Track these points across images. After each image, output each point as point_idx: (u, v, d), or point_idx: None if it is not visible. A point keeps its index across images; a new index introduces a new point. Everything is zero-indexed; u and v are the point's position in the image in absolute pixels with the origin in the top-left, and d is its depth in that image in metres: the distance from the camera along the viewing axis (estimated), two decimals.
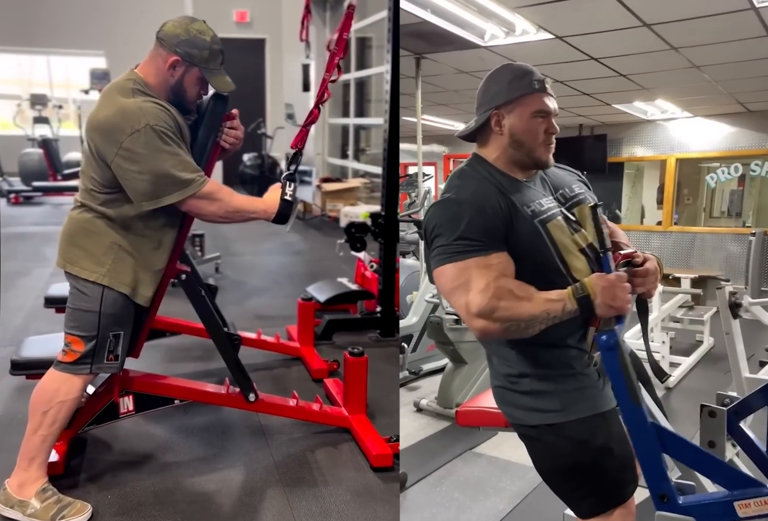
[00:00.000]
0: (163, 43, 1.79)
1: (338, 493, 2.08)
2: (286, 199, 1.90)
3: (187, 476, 2.13)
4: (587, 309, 1.20)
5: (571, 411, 1.28)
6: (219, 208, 1.80)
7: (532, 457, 1.37)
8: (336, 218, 7.54)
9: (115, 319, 1.84)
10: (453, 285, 1.23)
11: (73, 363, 1.82)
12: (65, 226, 1.87)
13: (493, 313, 1.18)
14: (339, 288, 3.81)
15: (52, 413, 1.81)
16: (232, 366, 2.23)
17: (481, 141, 1.41)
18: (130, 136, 1.68)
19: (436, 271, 1.28)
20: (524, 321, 1.19)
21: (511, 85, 1.35)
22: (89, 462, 2.16)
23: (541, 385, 1.31)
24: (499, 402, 1.41)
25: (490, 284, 1.19)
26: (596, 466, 1.28)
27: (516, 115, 1.34)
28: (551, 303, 1.20)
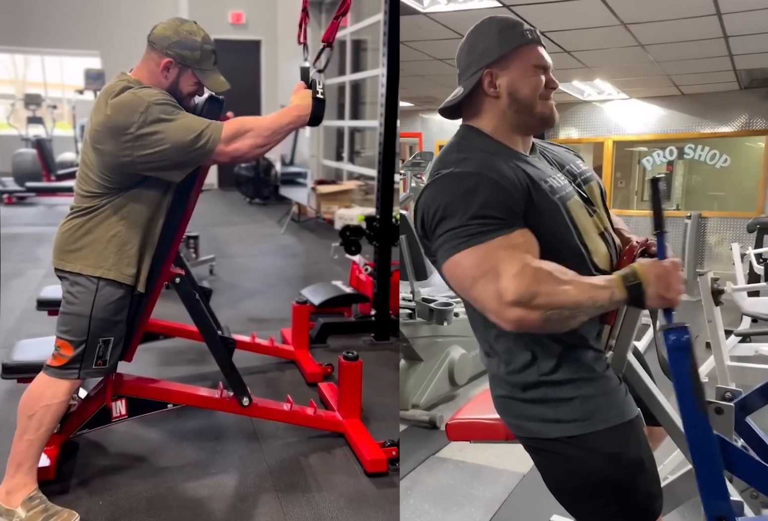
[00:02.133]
0: (154, 45, 1.77)
1: (332, 499, 2.05)
2: (318, 98, 1.78)
3: (179, 481, 2.10)
4: (637, 300, 1.04)
5: (597, 420, 1.12)
6: (255, 138, 1.72)
7: (546, 474, 1.20)
8: (331, 220, 7.52)
9: (105, 324, 1.82)
10: (476, 273, 1.02)
11: (61, 367, 1.80)
12: (60, 227, 1.85)
13: (533, 300, 0.98)
14: (333, 291, 3.79)
15: (38, 417, 1.78)
16: (226, 370, 2.21)
17: (472, 111, 1.22)
18: (139, 122, 1.65)
19: (449, 263, 1.06)
20: (568, 309, 1.01)
21: (502, 36, 1.17)
22: (81, 467, 2.13)
23: (561, 392, 1.14)
24: (505, 414, 1.23)
25: (527, 266, 1.00)
26: (628, 481, 1.13)
27: (513, 71, 1.17)
28: (597, 290, 1.03)
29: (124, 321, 1.88)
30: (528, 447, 1.22)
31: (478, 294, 1.04)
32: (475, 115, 1.21)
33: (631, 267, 1.07)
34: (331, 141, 9.63)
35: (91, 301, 1.78)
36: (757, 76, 5.72)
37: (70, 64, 10.71)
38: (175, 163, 1.73)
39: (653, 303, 1.05)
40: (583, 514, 1.18)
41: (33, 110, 9.62)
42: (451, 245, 1.05)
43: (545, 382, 1.15)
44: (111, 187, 1.77)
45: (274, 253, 5.75)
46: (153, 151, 1.68)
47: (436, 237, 1.08)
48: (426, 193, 1.12)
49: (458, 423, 1.51)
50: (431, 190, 1.11)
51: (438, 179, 1.10)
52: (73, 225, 1.81)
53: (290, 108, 1.81)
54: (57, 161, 9.24)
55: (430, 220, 1.09)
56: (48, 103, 9.97)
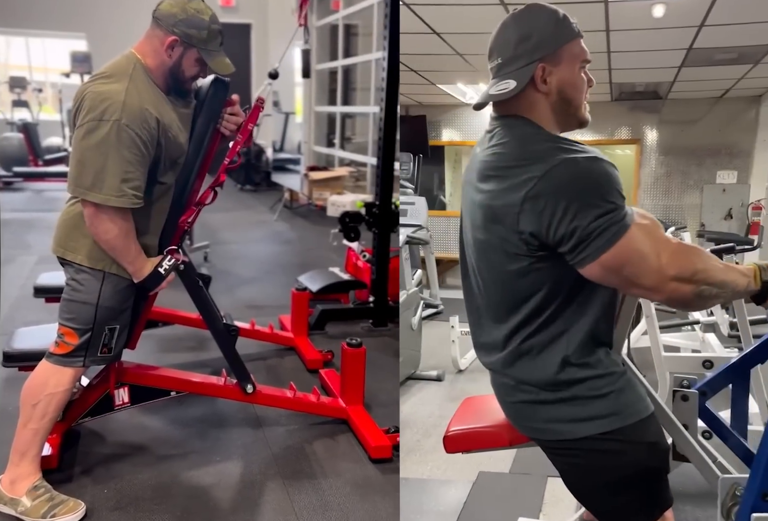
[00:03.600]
0: (159, 22, 1.71)
1: (338, 485, 2.04)
2: (158, 270, 1.78)
3: (184, 469, 2.08)
4: (764, 295, 1.11)
5: (630, 413, 1.14)
6: (113, 235, 1.67)
7: (574, 476, 1.19)
8: (323, 207, 7.46)
9: (112, 313, 1.78)
10: (643, 250, 1.03)
11: (65, 355, 1.76)
12: (63, 214, 1.80)
13: (694, 275, 1.04)
14: (331, 277, 3.76)
15: (42, 406, 1.74)
16: (229, 357, 2.18)
17: (519, 106, 1.14)
18: (97, 122, 1.60)
19: (618, 245, 1.01)
20: (716, 287, 1.07)
21: (558, 29, 1.11)
22: (83, 456, 2.10)
23: (593, 390, 1.13)
24: (526, 420, 1.21)
25: (680, 244, 1.07)
26: (663, 469, 1.18)
27: (565, 68, 1.12)
28: (741, 276, 1.10)
29: (130, 309, 1.84)
30: (553, 451, 1.20)
31: (642, 269, 1.04)
32: (525, 110, 1.15)
33: (765, 263, 1.13)
34: (323, 127, 9.52)
35: (97, 290, 1.74)
36: (625, 89, 6.06)
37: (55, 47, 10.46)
38: (77, 173, 1.64)
39: None
40: (614, 508, 1.19)
41: (18, 93, 9.41)
42: (617, 227, 1.02)
43: (577, 380, 1.13)
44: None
45: (268, 240, 5.70)
46: (76, 143, 1.63)
47: (591, 221, 1.01)
48: (545, 184, 1.03)
49: (457, 433, 1.43)
50: (553, 181, 1.03)
51: (558, 167, 1.03)
52: (74, 211, 1.76)
53: (144, 260, 1.77)
54: (43, 146, 9.06)
55: (566, 210, 1.02)
56: (33, 86, 9.76)
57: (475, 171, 1.18)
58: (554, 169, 1.03)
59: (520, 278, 1.11)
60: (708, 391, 1.46)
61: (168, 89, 1.77)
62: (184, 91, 1.83)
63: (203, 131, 1.85)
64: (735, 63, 4.87)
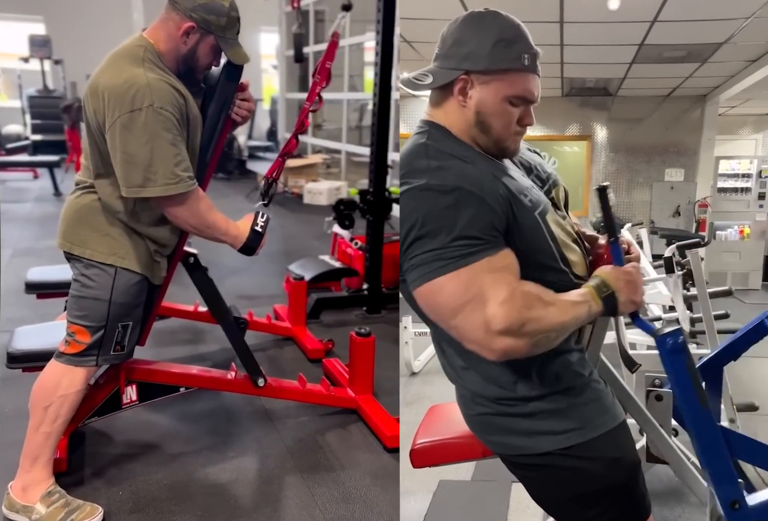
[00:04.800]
0: (177, 6, 1.58)
1: (357, 477, 1.99)
2: (255, 230, 1.74)
3: (198, 466, 1.99)
4: (612, 308, 1.00)
5: (592, 427, 1.06)
6: (193, 217, 1.62)
7: (537, 490, 1.13)
8: (299, 194, 7.33)
9: (126, 309, 1.67)
10: (460, 301, 0.92)
11: (77, 354, 1.65)
12: (69, 206, 1.67)
13: (523, 327, 0.92)
14: (323, 266, 3.67)
15: (54, 408, 1.63)
16: (240, 350, 2.10)
17: (438, 104, 1.07)
18: (130, 113, 1.48)
19: (426, 287, 0.94)
20: (555, 332, 0.96)
21: (496, 49, 1.00)
22: (92, 457, 1.98)
23: (552, 403, 1.06)
24: (486, 433, 1.13)
25: (515, 291, 0.92)
26: (629, 483, 1.09)
27: (490, 92, 1.01)
28: (577, 307, 0.98)
29: (143, 304, 1.73)
30: (513, 464, 1.13)
31: (462, 322, 0.94)
32: (441, 112, 1.07)
33: (599, 278, 1.02)
34: (293, 114, 9.34)
35: (110, 285, 1.63)
36: (576, 85, 6.03)
37: (11, 30, 9.93)
38: (125, 172, 1.52)
39: (625, 308, 1.02)
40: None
41: None
42: (431, 268, 0.93)
43: (534, 396, 1.06)
44: (107, 163, 1.59)
45: None
46: (113, 142, 1.51)
47: (410, 257, 0.95)
48: (403, 204, 0.97)
49: (426, 446, 1.29)
50: (404, 202, 0.97)
51: (411, 191, 0.96)
52: (81, 203, 1.64)
53: (235, 226, 1.73)
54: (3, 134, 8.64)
55: (404, 238, 0.96)
56: None
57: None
58: (404, 194, 0.97)
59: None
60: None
61: (178, 77, 1.64)
62: (194, 81, 1.71)
63: (216, 117, 1.73)
64: (683, 61, 4.92)
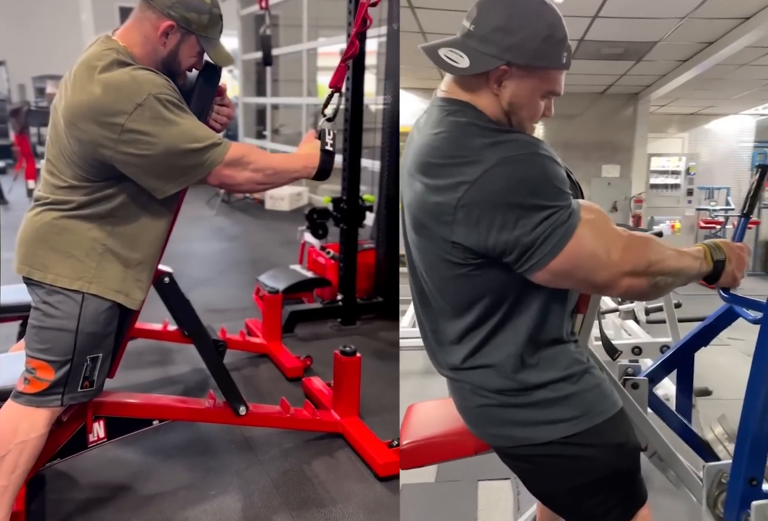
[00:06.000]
0: (152, 3, 1.38)
1: (350, 512, 1.80)
2: (327, 150, 1.54)
3: (176, 508, 1.76)
4: (716, 274, 1.05)
5: (596, 413, 1.04)
6: (254, 173, 1.44)
7: (537, 481, 1.10)
8: (261, 200, 7.08)
9: (94, 339, 1.45)
10: (593, 249, 0.93)
11: (39, 393, 1.41)
12: (27, 225, 1.44)
13: (648, 268, 0.96)
14: (295, 276, 3.46)
15: (12, 457, 1.40)
16: (219, 376, 1.88)
17: (467, 84, 1.00)
18: (132, 114, 1.29)
19: (566, 250, 0.91)
20: (671, 276, 1.00)
21: (545, 46, 0.95)
22: (54, 505, 1.73)
23: (555, 391, 1.03)
24: (486, 425, 1.10)
25: (631, 237, 0.97)
26: (631, 469, 1.07)
27: (527, 87, 0.98)
28: (691, 260, 1.03)
29: (113, 334, 1.50)
30: (512, 457, 1.09)
31: (594, 265, 0.94)
32: (469, 93, 1.00)
33: (714, 243, 1.06)
34: (251, 119, 9.05)
35: (76, 313, 1.40)
36: None
37: None
38: (161, 173, 1.38)
39: (726, 279, 1.07)
40: (584, 512, 1.08)
41: None
42: (566, 227, 0.91)
43: (538, 385, 1.03)
44: (90, 178, 1.39)
45: (212, 237, 5.26)
46: (140, 152, 1.32)
47: (537, 223, 0.90)
48: (478, 191, 0.90)
49: (414, 446, 1.23)
50: (487, 187, 0.90)
51: (491, 171, 0.90)
52: (43, 221, 1.41)
53: (299, 155, 1.54)
54: None
55: (504, 219, 0.90)
56: None
57: (410, 160, 1.04)
58: (487, 173, 0.90)
59: (459, 283, 1.00)
60: (655, 378, 1.45)
61: None
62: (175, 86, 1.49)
63: None
64: (619, 58, 4.97)
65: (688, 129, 7.90)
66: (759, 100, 6.84)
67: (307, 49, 7.42)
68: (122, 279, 1.47)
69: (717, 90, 6.19)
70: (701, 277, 1.07)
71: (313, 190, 7.69)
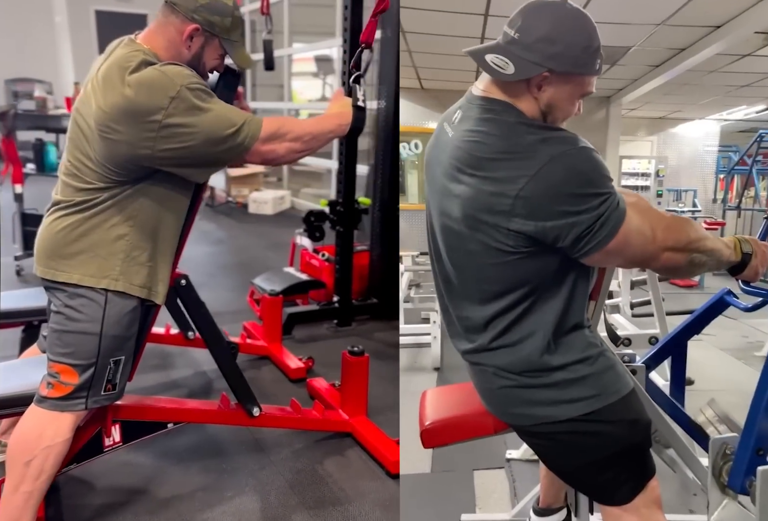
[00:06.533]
0: (176, 8, 1.38)
1: (366, 510, 1.81)
2: (359, 106, 1.53)
3: (195, 511, 1.74)
4: (741, 267, 1.15)
5: (611, 392, 1.10)
6: (293, 142, 1.44)
7: (556, 456, 1.16)
8: (243, 204, 7.02)
9: (118, 342, 1.43)
10: (641, 229, 1.02)
11: (63, 398, 1.39)
12: (47, 229, 1.42)
13: (688, 245, 1.06)
14: (291, 278, 3.45)
15: (37, 463, 1.37)
16: (234, 378, 1.87)
17: (507, 87, 1.06)
18: (168, 109, 1.28)
19: (620, 232, 0.99)
20: (706, 255, 1.09)
21: (584, 55, 1.02)
22: (71, 511, 1.69)
23: (573, 372, 1.09)
24: (507, 405, 1.16)
25: (672, 217, 1.08)
26: (644, 443, 1.15)
27: (565, 92, 1.05)
28: (723, 246, 1.12)
29: (135, 336, 1.49)
30: (532, 434, 1.16)
31: (642, 242, 1.03)
32: (510, 95, 1.06)
33: (744, 238, 1.16)
34: None
35: (100, 316, 1.38)
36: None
37: None
38: (203, 161, 1.39)
39: (749, 272, 1.16)
40: (599, 485, 1.15)
41: None
42: (619, 212, 0.99)
43: (557, 367, 1.09)
44: (117, 179, 1.37)
45: (198, 241, 5.18)
46: (180, 145, 1.32)
47: (586, 219, 0.97)
48: (538, 184, 0.96)
49: (438, 425, 1.28)
50: (546, 180, 0.96)
51: (549, 165, 0.97)
52: (64, 224, 1.39)
53: (330, 115, 1.54)
54: None
55: (563, 208, 0.97)
56: None
57: (447, 155, 1.08)
58: (545, 167, 0.97)
59: (501, 270, 1.05)
60: (651, 364, 1.53)
61: None
62: None
63: None
64: None
65: (656, 132, 8.09)
66: (723, 106, 7.04)
67: (287, 54, 7.42)
68: (146, 274, 1.45)
69: (685, 95, 6.34)
70: (729, 266, 1.15)
71: (295, 194, 7.67)
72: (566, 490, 1.55)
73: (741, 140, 8.09)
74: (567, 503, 1.58)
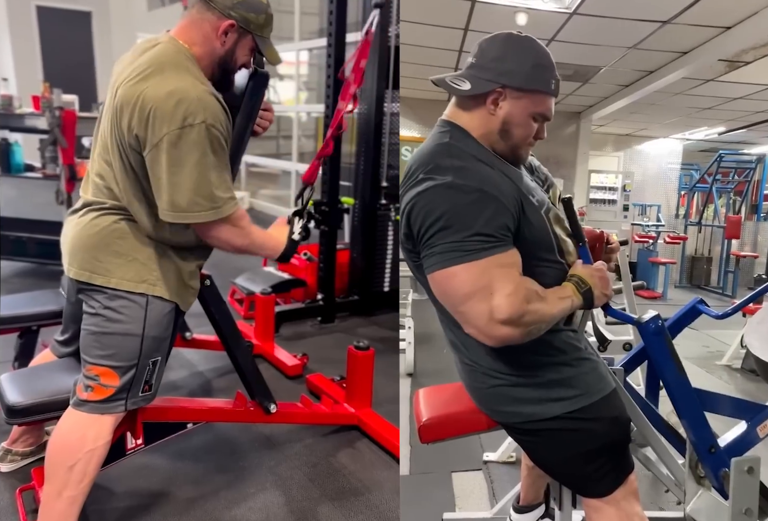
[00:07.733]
0: (212, 4, 1.36)
1: (385, 498, 1.84)
2: (292, 239, 1.57)
3: (222, 509, 1.72)
4: (589, 302, 1.10)
5: (594, 392, 1.15)
6: (241, 238, 1.41)
7: (543, 452, 1.21)
8: None
9: (157, 343, 1.41)
10: (470, 289, 0.99)
11: (104, 400, 1.35)
12: (82, 230, 1.37)
13: (522, 318, 1.00)
14: (273, 278, 3.42)
15: (81, 467, 1.33)
16: (252, 376, 1.86)
17: (466, 106, 1.12)
18: (180, 130, 1.24)
19: (440, 273, 1.01)
20: (546, 323, 1.05)
21: (534, 72, 1.09)
22: (98, 515, 1.64)
23: (559, 373, 1.14)
24: (497, 404, 1.19)
25: (519, 286, 1.00)
26: (624, 438, 1.22)
27: (519, 108, 1.09)
28: (563, 302, 1.07)
29: (170, 337, 1.46)
30: (521, 431, 1.20)
31: (468, 309, 1.01)
32: (466, 111, 1.13)
33: (576, 276, 1.12)
34: None
35: (142, 317, 1.35)
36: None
37: None
38: (177, 201, 1.29)
39: (599, 301, 1.12)
40: (582, 478, 1.20)
41: None
42: (449, 257, 1.00)
43: (543, 366, 1.14)
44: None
45: None
46: (164, 166, 1.27)
47: (431, 245, 1.02)
48: (423, 198, 1.03)
49: (434, 421, 1.32)
50: (430, 196, 1.02)
51: (437, 187, 1.02)
52: (101, 225, 1.35)
53: (273, 238, 1.56)
54: None
55: (426, 228, 1.02)
56: None
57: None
58: (430, 189, 1.02)
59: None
60: (629, 367, 1.55)
61: (212, 82, 1.41)
62: (225, 87, 1.47)
63: (243, 129, 1.51)
64: (568, 79, 5.23)
65: (623, 148, 8.25)
66: (686, 127, 7.29)
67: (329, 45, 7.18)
68: (180, 281, 1.44)
69: (651, 114, 6.55)
70: (576, 309, 1.13)
71: (253, 195, 7.55)
72: (549, 486, 1.57)
73: (702, 159, 8.31)
74: (545, 499, 1.63)
